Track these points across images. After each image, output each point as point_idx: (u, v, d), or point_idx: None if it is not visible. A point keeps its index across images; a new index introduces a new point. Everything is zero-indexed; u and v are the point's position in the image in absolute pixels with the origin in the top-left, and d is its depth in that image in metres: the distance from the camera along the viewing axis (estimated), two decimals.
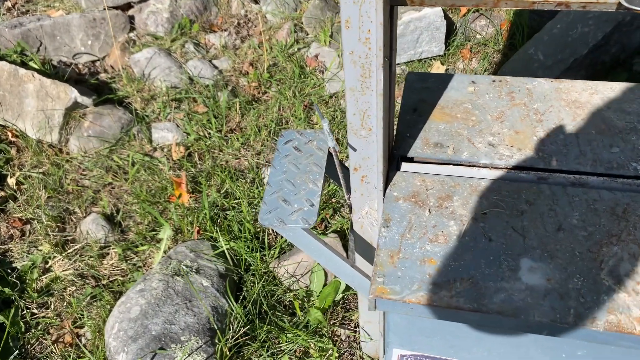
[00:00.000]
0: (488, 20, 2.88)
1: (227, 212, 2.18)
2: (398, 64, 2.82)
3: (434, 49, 2.76)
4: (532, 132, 1.25)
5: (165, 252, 2.07)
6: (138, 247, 2.15)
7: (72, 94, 2.54)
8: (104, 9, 3.24)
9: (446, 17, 2.95)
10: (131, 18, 3.24)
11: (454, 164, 1.22)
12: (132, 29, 3.22)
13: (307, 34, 3.18)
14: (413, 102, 1.37)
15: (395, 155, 1.25)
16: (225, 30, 3.24)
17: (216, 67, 2.97)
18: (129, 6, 3.28)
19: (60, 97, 2.57)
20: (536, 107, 1.32)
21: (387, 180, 1.20)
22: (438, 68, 2.77)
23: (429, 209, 1.12)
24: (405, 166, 1.24)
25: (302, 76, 2.90)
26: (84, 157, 2.53)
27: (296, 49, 3.06)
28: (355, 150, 1.13)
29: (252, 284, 1.91)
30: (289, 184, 1.22)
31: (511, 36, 2.80)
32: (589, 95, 1.33)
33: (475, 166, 1.21)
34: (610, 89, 1.34)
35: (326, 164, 1.27)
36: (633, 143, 1.20)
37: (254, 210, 2.18)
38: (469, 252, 1.04)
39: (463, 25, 2.89)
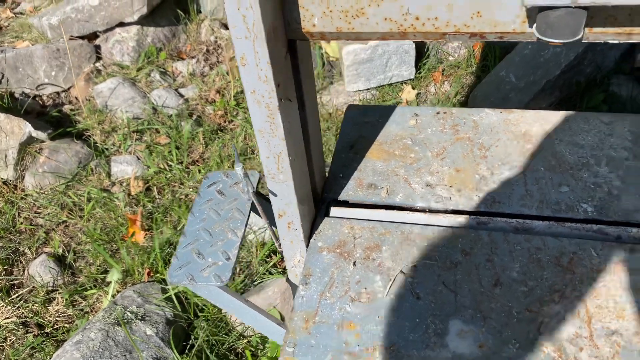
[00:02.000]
0: (461, 42, 2.78)
1: None
2: (368, 89, 2.72)
3: (404, 72, 2.66)
4: (474, 170, 1.14)
5: (113, 296, 1.95)
6: (88, 290, 2.03)
7: (26, 128, 2.45)
8: (71, 38, 3.16)
9: None
10: (97, 47, 3.16)
11: (387, 208, 1.10)
12: (99, 58, 3.14)
13: None
14: (351, 139, 1.26)
15: (326, 198, 1.14)
16: (193, 58, 3.15)
17: (182, 96, 2.88)
18: (95, 36, 3.20)
19: (14, 132, 2.47)
20: (481, 141, 1.20)
21: (315, 228, 1.08)
22: (409, 92, 2.66)
23: (354, 262, 1.00)
24: (334, 211, 1.12)
25: None
26: (39, 193, 2.42)
27: None
28: (276, 195, 1.01)
29: (203, 331, 1.79)
30: (206, 233, 1.11)
31: (484, 57, 2.70)
32: (539, 127, 1.22)
33: (410, 210, 1.09)
34: (563, 119, 1.23)
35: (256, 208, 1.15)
36: (584, 181, 1.08)
37: None
38: (394, 313, 0.91)
39: (435, 48, 2.80)
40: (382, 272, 0.98)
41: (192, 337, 1.78)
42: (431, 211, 1.08)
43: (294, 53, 0.87)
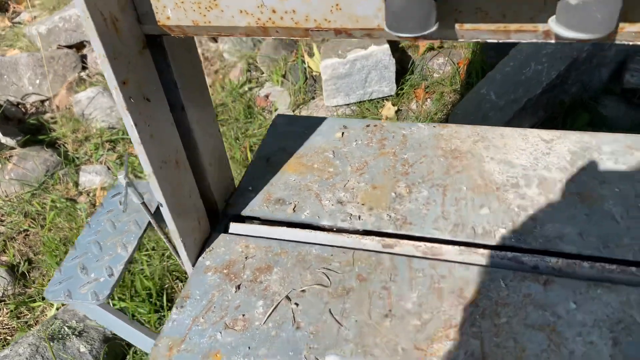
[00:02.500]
0: (447, 59, 2.68)
1: (134, 265, 1.98)
2: (348, 104, 2.63)
3: (384, 88, 2.57)
4: (391, 187, 1.04)
5: (57, 309, 1.88)
6: (35, 302, 1.96)
7: None
8: (59, 47, 3.16)
9: (402, 54, 2.77)
10: (83, 57, 3.14)
11: (289, 225, 1.01)
12: (85, 68, 3.13)
13: (263, 73, 3.04)
14: (271, 150, 1.18)
15: (229, 213, 1.05)
16: None
17: None
18: (82, 45, 3.19)
19: None
20: (407, 156, 1.10)
21: (207, 245, 0.99)
22: (389, 109, 2.57)
23: (239, 285, 0.90)
24: (234, 227, 1.03)
25: (249, 116, 2.73)
26: (4, 201, 2.38)
27: (247, 89, 2.91)
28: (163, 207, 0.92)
29: (139, 349, 1.69)
30: (96, 246, 1.02)
31: (469, 75, 2.59)
32: (472, 144, 1.11)
33: (314, 228, 0.99)
34: (499, 136, 1.12)
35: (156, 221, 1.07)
36: (509, 203, 0.97)
37: (163, 263, 1.97)
38: (267, 343, 0.81)
39: (420, 64, 2.70)
40: (266, 296, 0.88)
41: (128, 356, 1.69)
42: (337, 230, 0.98)
43: (159, 50, 0.79)
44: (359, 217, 0.98)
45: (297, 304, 0.86)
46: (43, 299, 1.98)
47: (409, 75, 2.66)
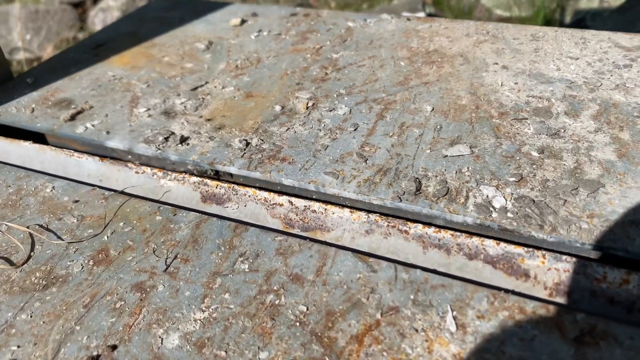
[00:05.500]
0: None
1: None
2: None
3: None
4: (282, 97, 0.50)
5: None
6: None
7: None
8: (60, 3, 2.83)
9: None
10: (84, 17, 2.79)
11: (46, 142, 0.49)
12: (82, 29, 2.77)
13: None
14: (113, 35, 0.68)
15: None
16: None
17: None
18: (84, 3, 2.84)
19: None
20: (337, 56, 0.57)
21: None
22: None
23: None
24: None
25: None
26: None
27: None
28: None
29: None
30: None
31: None
32: (471, 45, 0.56)
33: (60, 148, 0.47)
34: (528, 38, 0.57)
35: None
36: (519, 142, 0.41)
37: None
38: None
39: None
40: None
41: None
42: (138, 162, 0.45)
43: None
44: (183, 141, 0.45)
45: None
46: None
47: None
